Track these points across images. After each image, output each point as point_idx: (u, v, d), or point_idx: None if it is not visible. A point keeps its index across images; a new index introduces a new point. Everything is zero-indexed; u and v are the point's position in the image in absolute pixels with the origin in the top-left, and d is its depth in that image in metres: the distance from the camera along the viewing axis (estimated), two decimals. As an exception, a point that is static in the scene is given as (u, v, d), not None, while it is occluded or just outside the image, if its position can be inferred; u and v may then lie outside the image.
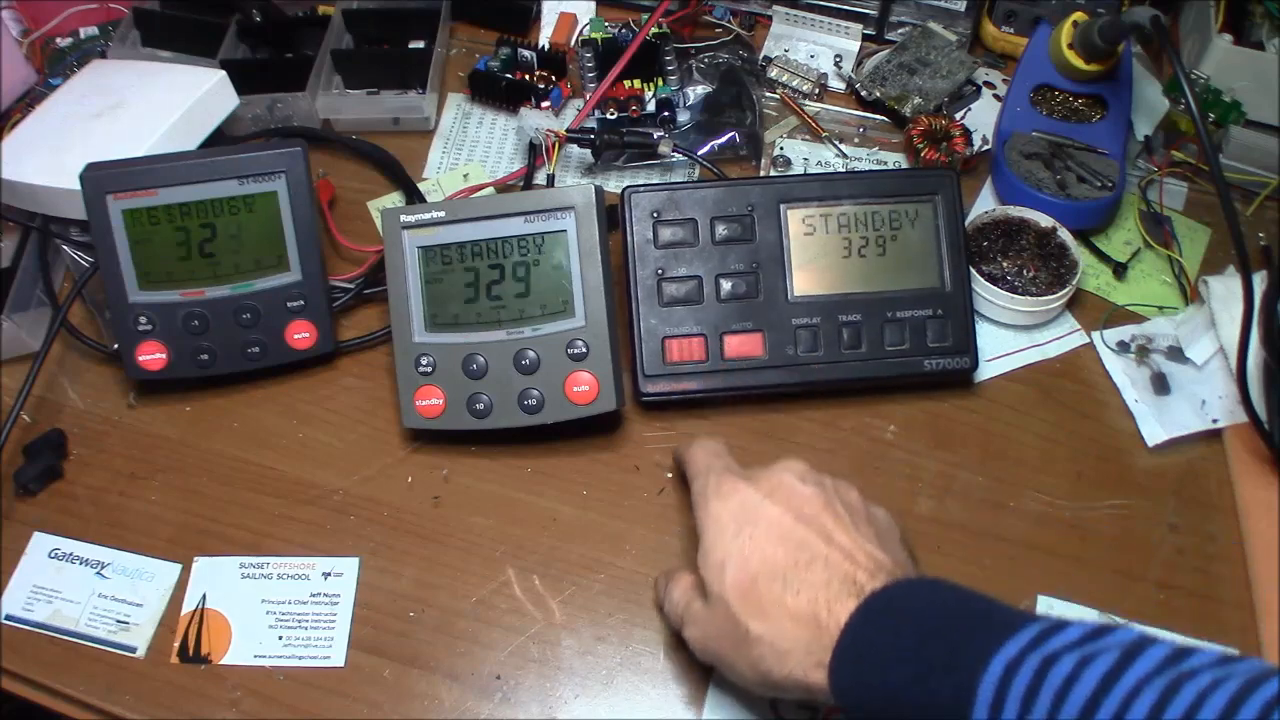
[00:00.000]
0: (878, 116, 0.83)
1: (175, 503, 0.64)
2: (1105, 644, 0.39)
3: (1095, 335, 0.71)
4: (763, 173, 0.80)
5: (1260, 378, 0.63)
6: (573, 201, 0.63)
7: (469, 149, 0.82)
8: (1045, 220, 0.72)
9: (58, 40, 0.90)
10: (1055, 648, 0.40)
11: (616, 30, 0.82)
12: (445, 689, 0.57)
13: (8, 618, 0.60)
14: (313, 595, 0.60)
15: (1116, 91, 0.78)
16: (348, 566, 0.61)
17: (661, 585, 0.57)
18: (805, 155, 0.81)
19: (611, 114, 0.80)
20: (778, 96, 0.84)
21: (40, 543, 0.62)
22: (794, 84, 0.84)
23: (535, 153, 0.77)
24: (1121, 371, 0.69)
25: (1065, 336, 0.71)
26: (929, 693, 0.41)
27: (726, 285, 0.66)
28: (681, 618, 0.53)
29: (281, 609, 0.60)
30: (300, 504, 0.64)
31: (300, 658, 0.58)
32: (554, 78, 0.83)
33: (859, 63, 0.86)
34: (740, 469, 0.54)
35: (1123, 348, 0.70)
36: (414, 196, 0.77)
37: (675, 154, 0.76)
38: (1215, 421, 0.67)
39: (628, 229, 0.66)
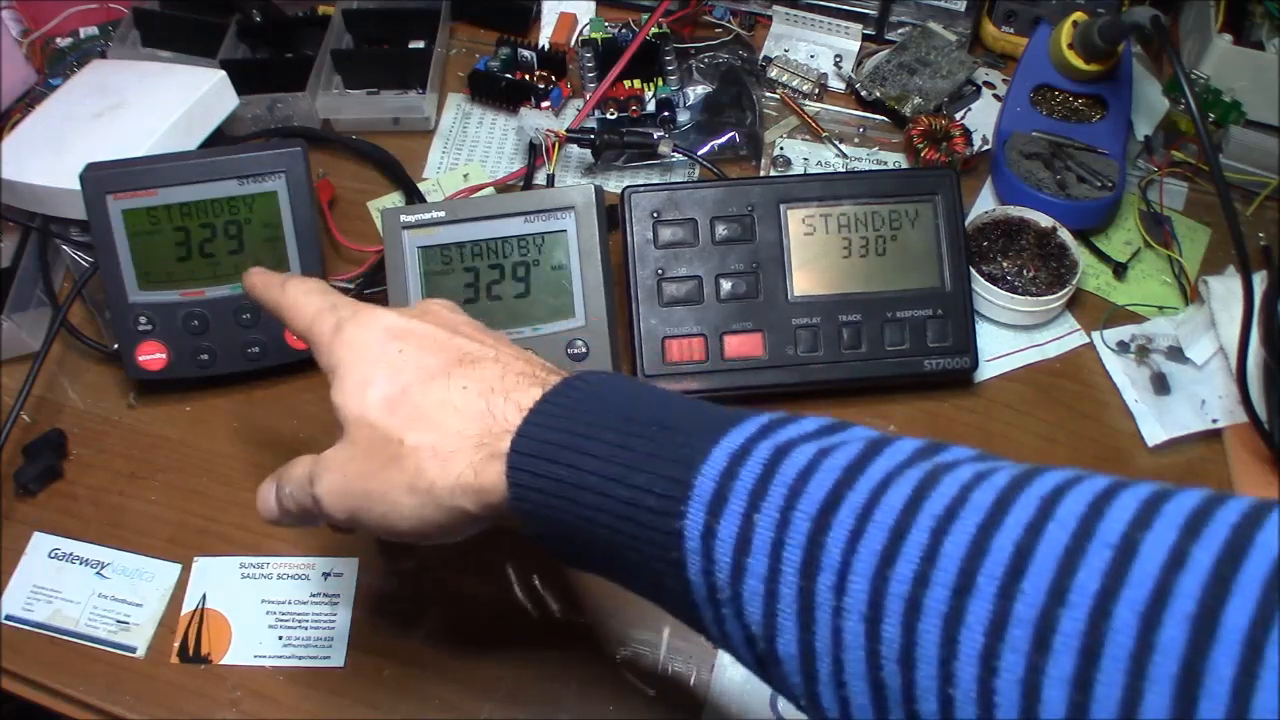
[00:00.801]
0: (878, 116, 0.83)
1: (175, 503, 0.64)
2: (846, 436, 0.34)
3: (1095, 335, 0.71)
4: (763, 173, 0.80)
5: (1260, 378, 0.63)
6: (573, 201, 0.63)
7: (469, 149, 0.82)
8: (1045, 220, 0.72)
9: (58, 40, 0.90)
10: (788, 437, 0.34)
11: (616, 30, 0.82)
12: (445, 689, 0.57)
13: (8, 618, 0.60)
14: (313, 595, 0.60)
15: (1116, 91, 0.78)
16: (348, 566, 0.61)
17: (267, 486, 0.46)
18: (805, 155, 0.81)
19: (611, 114, 0.80)
20: (778, 96, 0.84)
21: (40, 543, 0.62)
22: (794, 84, 0.84)
23: (535, 153, 0.77)
24: (1121, 371, 0.69)
25: (1065, 336, 0.72)
26: (630, 491, 0.34)
27: (726, 285, 0.66)
28: (310, 479, 0.43)
29: (281, 609, 0.60)
30: (300, 504, 0.64)
31: (300, 658, 0.58)
32: (554, 78, 0.83)
33: (859, 63, 0.86)
34: None
35: (1123, 348, 0.70)
36: (414, 196, 0.77)
37: (675, 154, 0.76)
38: (1215, 421, 0.67)
39: (628, 229, 0.66)
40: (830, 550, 0.30)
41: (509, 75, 0.83)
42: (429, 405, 0.40)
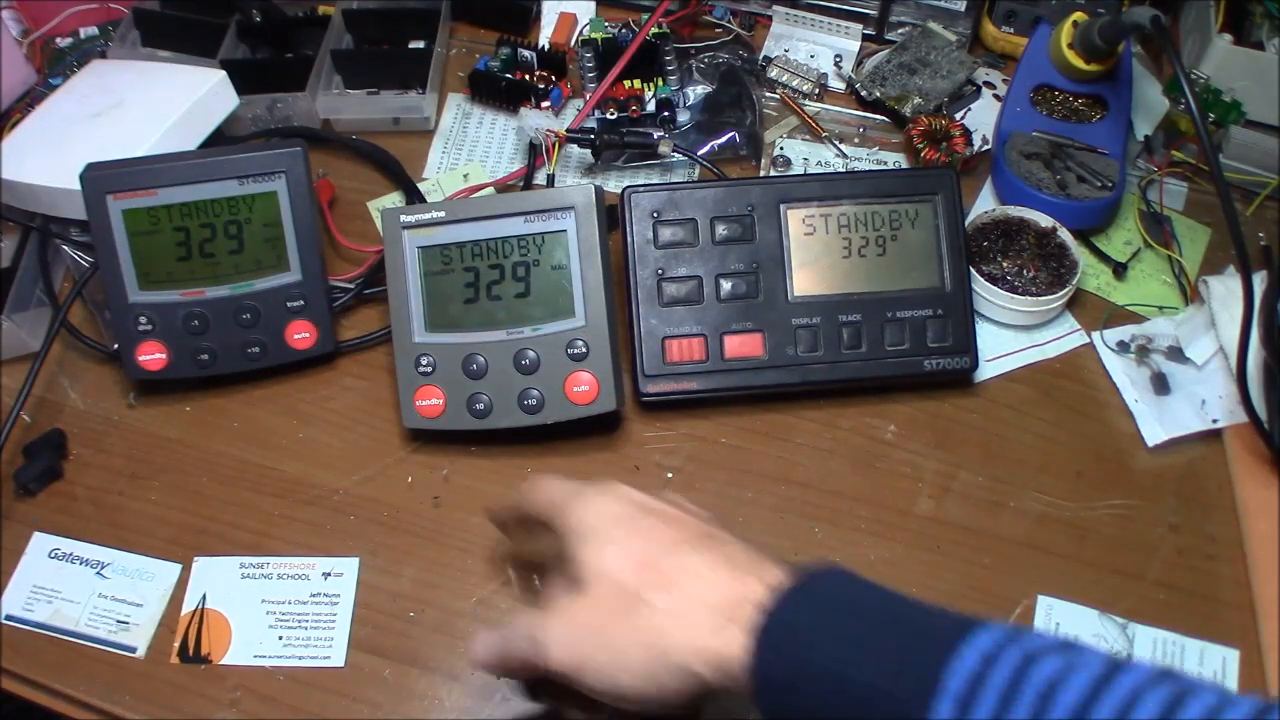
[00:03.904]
0: (878, 116, 0.83)
1: (175, 503, 0.64)
2: (1085, 651, 0.35)
3: (1095, 335, 0.71)
4: (763, 173, 0.80)
5: (1260, 378, 0.63)
6: (573, 201, 0.63)
7: (469, 149, 0.82)
8: (1045, 220, 0.72)
9: (58, 40, 0.90)
10: (1036, 646, 0.35)
11: (616, 30, 0.82)
12: (445, 689, 0.57)
13: (8, 618, 0.60)
14: (313, 595, 0.60)
15: (1116, 91, 0.78)
16: (348, 566, 0.61)
17: (490, 635, 0.47)
18: (805, 155, 0.81)
19: (611, 114, 0.80)
20: (778, 96, 0.84)
21: (40, 543, 0.62)
22: (794, 84, 0.84)
23: (535, 153, 0.77)
24: (1121, 371, 0.69)
25: (1065, 336, 0.71)
26: (878, 678, 0.35)
27: (726, 285, 0.66)
28: (534, 628, 0.44)
29: (281, 609, 0.60)
30: (300, 504, 0.64)
31: (300, 658, 0.58)
32: (554, 78, 0.83)
33: (859, 63, 0.86)
34: None
35: (1123, 348, 0.70)
36: (414, 196, 0.77)
37: (675, 154, 0.76)
38: (1215, 421, 0.67)
39: (628, 229, 0.66)
40: None
41: (509, 75, 0.83)
42: (674, 570, 0.41)
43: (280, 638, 0.59)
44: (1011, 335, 0.71)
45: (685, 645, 0.40)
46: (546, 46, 0.85)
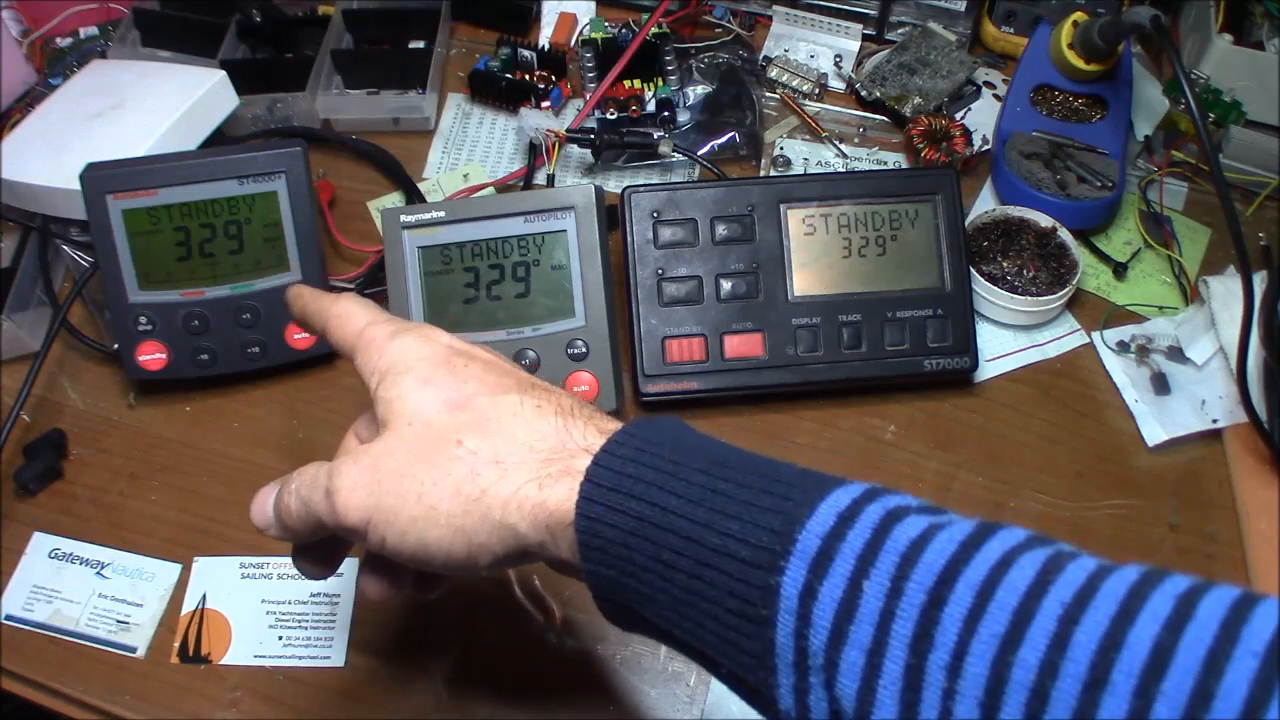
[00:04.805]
0: (878, 116, 0.83)
1: (175, 503, 0.64)
2: (954, 515, 0.31)
3: (1095, 335, 0.71)
4: (763, 173, 0.80)
5: (1260, 378, 0.63)
6: (573, 201, 0.63)
7: (469, 149, 0.82)
8: (1045, 220, 0.72)
9: (58, 40, 0.90)
10: (897, 504, 0.31)
11: (616, 30, 0.82)
12: (445, 689, 0.57)
13: (8, 618, 0.60)
14: (313, 595, 0.60)
15: (1116, 91, 0.78)
16: (348, 566, 0.61)
17: (266, 489, 0.41)
18: (805, 155, 0.81)
19: (611, 114, 0.80)
20: (778, 96, 0.84)
21: (40, 543, 0.62)
22: (794, 84, 0.84)
23: (535, 153, 0.77)
24: (1121, 371, 0.69)
25: (1065, 336, 0.71)
26: (721, 538, 0.31)
27: (726, 285, 0.66)
28: (327, 474, 0.38)
29: (281, 609, 0.60)
30: (300, 504, 0.64)
31: (300, 658, 0.58)
32: (554, 78, 0.83)
33: (859, 63, 0.86)
34: None
35: (1123, 348, 0.70)
36: (414, 196, 0.77)
37: (675, 154, 0.76)
38: (1215, 421, 0.67)
39: (628, 229, 0.66)
40: (946, 627, 0.28)
41: (509, 75, 0.83)
42: (494, 412, 0.36)
43: (280, 638, 0.59)
44: (1011, 335, 0.71)
45: (505, 494, 0.34)
46: (546, 46, 0.85)
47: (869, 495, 0.31)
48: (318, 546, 0.44)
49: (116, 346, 0.67)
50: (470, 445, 0.36)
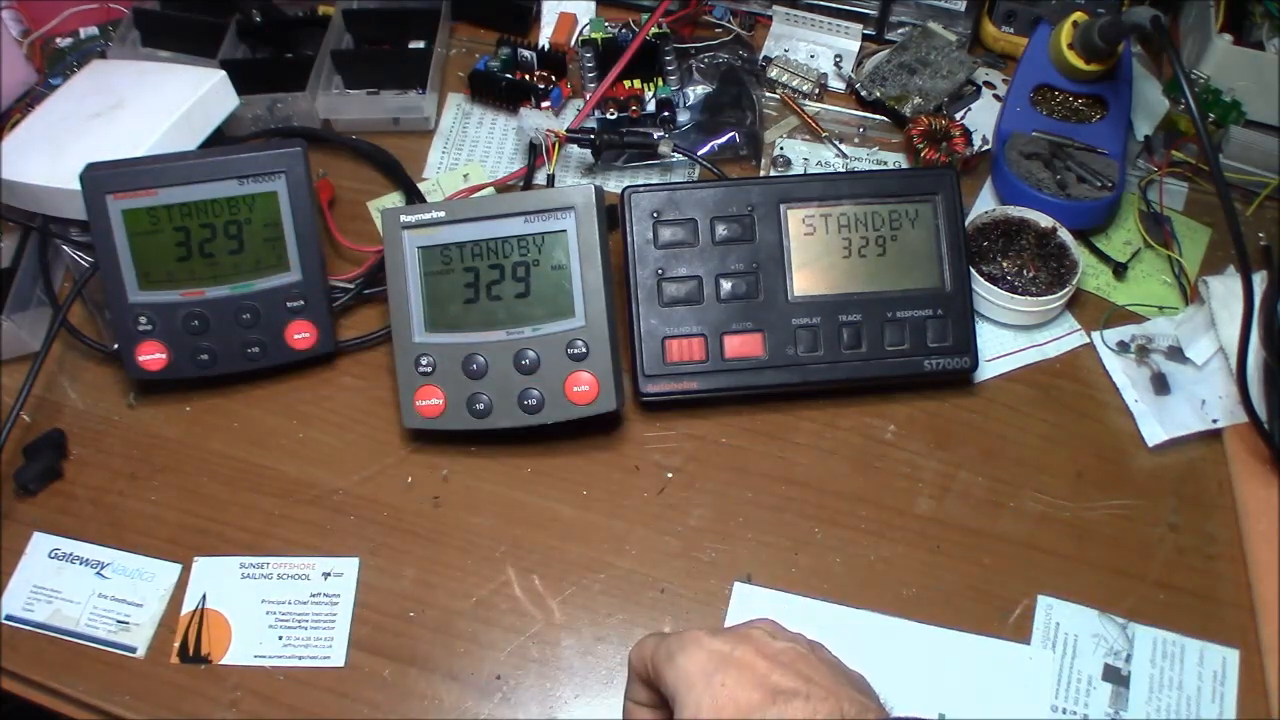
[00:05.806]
0: (878, 116, 0.83)
1: (175, 503, 0.64)
2: None
3: (1095, 335, 0.71)
4: (763, 173, 0.80)
5: (1260, 378, 0.63)
6: (573, 201, 0.63)
7: (469, 149, 0.82)
8: (1045, 220, 0.72)
9: (58, 40, 0.90)
10: None
11: (616, 30, 0.82)
12: (445, 689, 0.57)
13: (8, 618, 0.60)
14: (313, 595, 0.60)
15: (1116, 91, 0.78)
16: (347, 566, 0.61)
17: None
18: (805, 155, 0.81)
19: (611, 114, 0.80)
20: (778, 96, 0.84)
21: (40, 543, 0.62)
22: (794, 84, 0.84)
23: (535, 153, 0.77)
24: (1121, 371, 0.69)
25: (1065, 336, 0.72)
26: None
27: (726, 285, 0.66)
28: None
29: (281, 609, 0.60)
30: (300, 504, 0.64)
31: (300, 658, 0.58)
32: (554, 78, 0.83)
33: (859, 63, 0.86)
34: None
35: (1123, 348, 0.70)
36: (414, 196, 0.77)
37: (675, 154, 0.76)
38: (1215, 421, 0.67)
39: (628, 229, 0.66)
40: None
41: (509, 75, 0.83)
42: None
43: (280, 638, 0.59)
44: (1011, 335, 0.71)
45: None
46: (546, 46, 0.85)
47: None
48: None
49: (116, 346, 0.67)
50: None
